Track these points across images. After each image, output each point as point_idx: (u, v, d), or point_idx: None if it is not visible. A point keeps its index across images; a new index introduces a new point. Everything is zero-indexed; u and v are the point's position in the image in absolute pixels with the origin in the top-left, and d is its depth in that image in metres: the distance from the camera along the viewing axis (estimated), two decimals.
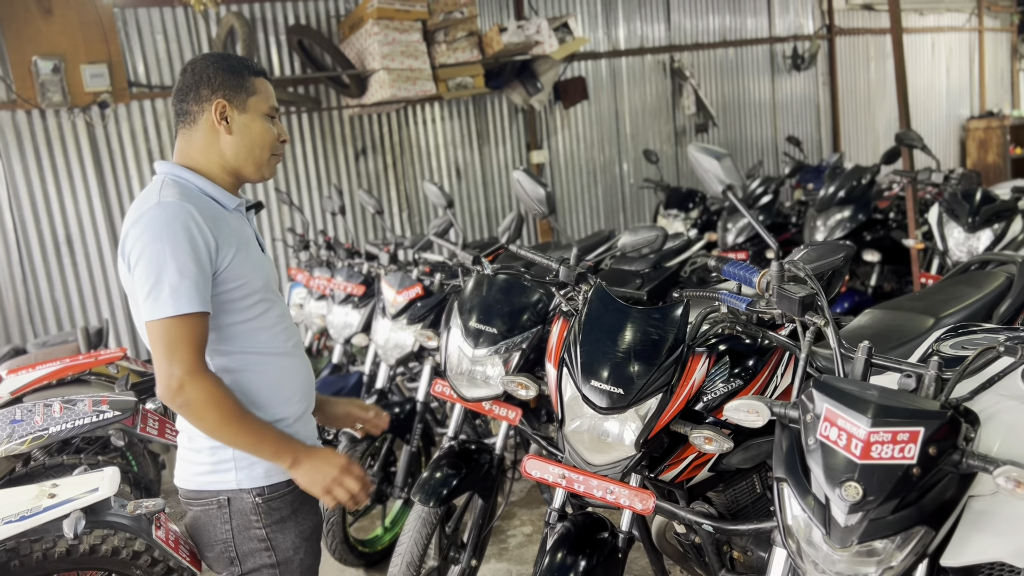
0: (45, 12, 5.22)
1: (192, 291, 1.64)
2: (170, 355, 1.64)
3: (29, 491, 1.89)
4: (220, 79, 1.80)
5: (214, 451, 1.80)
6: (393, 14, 5.77)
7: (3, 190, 5.31)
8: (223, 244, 1.72)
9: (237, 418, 1.68)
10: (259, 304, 1.81)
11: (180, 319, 1.63)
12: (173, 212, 1.67)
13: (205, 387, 1.64)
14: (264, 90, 1.84)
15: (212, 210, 1.76)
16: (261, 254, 1.88)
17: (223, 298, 1.75)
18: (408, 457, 3.44)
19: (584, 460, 2.06)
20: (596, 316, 2.12)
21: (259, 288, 1.80)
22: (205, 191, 1.80)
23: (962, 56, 11.83)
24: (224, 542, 1.82)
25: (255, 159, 1.84)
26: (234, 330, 1.79)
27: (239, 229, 1.81)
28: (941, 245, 3.97)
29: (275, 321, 1.86)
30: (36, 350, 4.03)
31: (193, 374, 1.64)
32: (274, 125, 1.86)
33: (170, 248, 1.64)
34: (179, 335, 1.64)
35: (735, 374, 2.12)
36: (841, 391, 1.38)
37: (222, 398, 1.66)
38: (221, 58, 1.83)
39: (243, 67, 1.83)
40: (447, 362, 2.82)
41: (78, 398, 2.45)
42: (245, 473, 1.79)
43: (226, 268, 1.73)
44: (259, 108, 1.82)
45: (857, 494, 1.30)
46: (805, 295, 1.55)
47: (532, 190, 2.32)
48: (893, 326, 2.57)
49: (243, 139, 1.82)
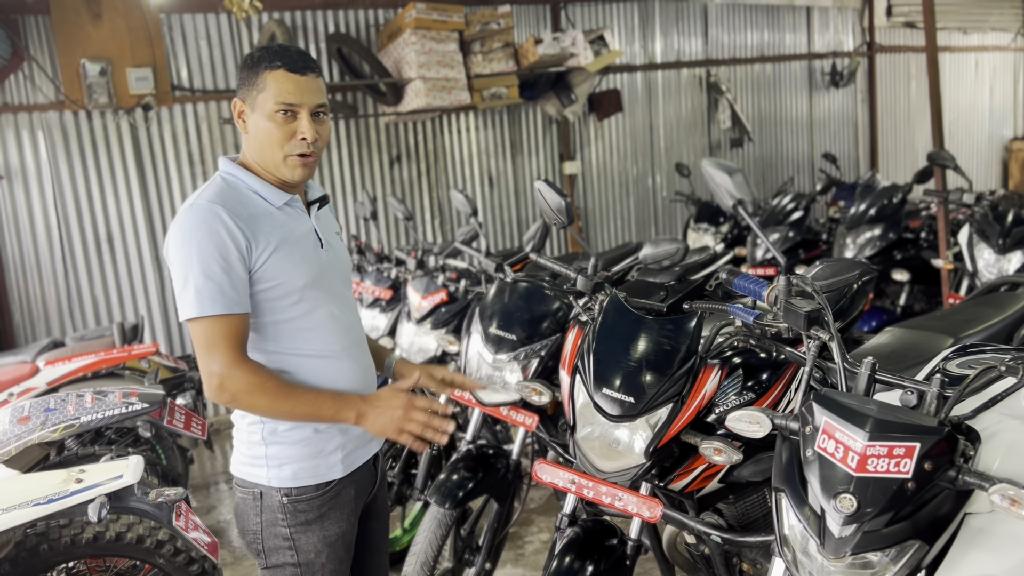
0: (95, 17, 5.39)
1: (216, 293, 1.65)
2: (207, 354, 1.67)
3: (58, 475, 1.98)
4: (241, 76, 1.79)
5: (251, 445, 1.83)
6: (431, 24, 5.86)
7: (49, 188, 5.49)
8: (258, 243, 1.71)
9: (285, 395, 1.70)
10: (300, 304, 1.79)
11: (210, 320, 1.66)
12: (201, 215, 1.67)
13: (243, 377, 1.66)
14: (275, 85, 1.73)
15: (254, 208, 1.75)
16: (316, 251, 1.84)
17: (260, 296, 1.74)
18: (428, 460, 3.49)
19: (594, 467, 2.10)
20: (610, 325, 2.16)
21: (299, 287, 1.77)
22: (253, 188, 1.79)
23: (1006, 76, 11.65)
24: (254, 532, 1.85)
25: (271, 159, 1.78)
26: (274, 329, 1.78)
27: (287, 226, 1.79)
28: (971, 266, 3.94)
29: (321, 322, 1.82)
30: (73, 343, 4.15)
31: (230, 369, 1.66)
32: (285, 123, 1.74)
33: (196, 251, 1.65)
34: (212, 335, 1.66)
35: (748, 387, 2.14)
36: (840, 405, 1.40)
37: (263, 382, 1.68)
38: (251, 54, 1.80)
39: (261, 61, 1.75)
40: (467, 367, 2.87)
41: (109, 389, 2.54)
42: (275, 472, 1.81)
43: (261, 267, 1.72)
44: (265, 106, 1.74)
45: (852, 506, 1.32)
46: (811, 310, 1.58)
47: (552, 200, 2.37)
48: (911, 345, 2.57)
49: (256, 138, 1.78)
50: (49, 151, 5.47)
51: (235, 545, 4.09)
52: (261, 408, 1.72)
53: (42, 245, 5.52)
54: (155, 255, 5.81)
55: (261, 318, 1.76)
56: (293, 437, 1.81)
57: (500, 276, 3.04)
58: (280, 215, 1.79)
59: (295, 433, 1.81)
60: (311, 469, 1.82)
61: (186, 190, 5.88)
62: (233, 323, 1.67)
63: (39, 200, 5.48)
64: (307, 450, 1.82)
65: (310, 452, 1.82)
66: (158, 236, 5.82)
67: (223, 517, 4.44)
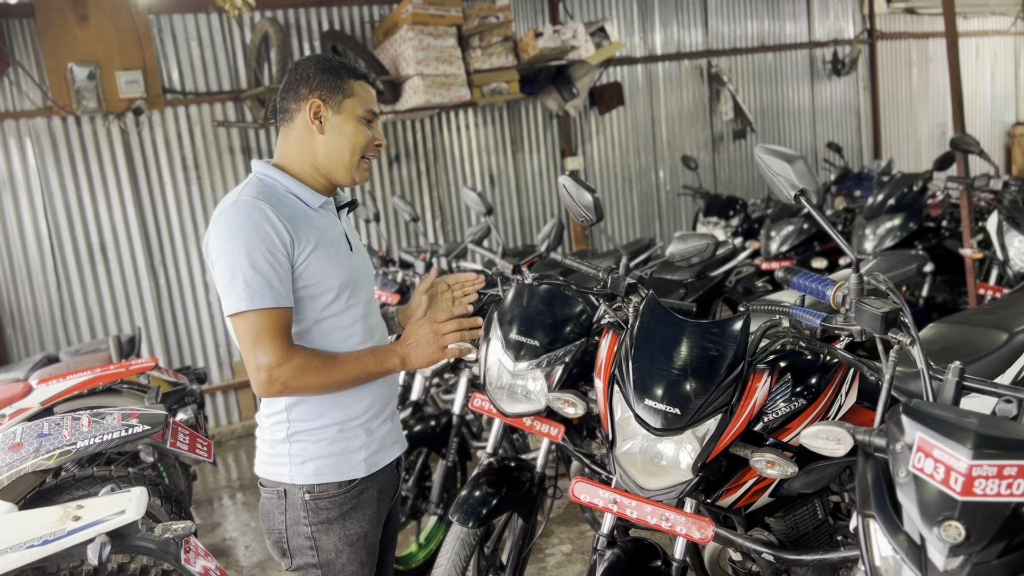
0: (81, 19, 5.21)
1: (265, 287, 1.68)
2: (254, 348, 1.69)
3: (53, 512, 1.81)
4: (319, 79, 1.83)
5: (274, 444, 1.85)
6: (428, 19, 5.69)
7: (38, 196, 5.30)
8: (300, 240, 1.74)
9: (332, 366, 1.74)
10: (335, 303, 1.82)
11: (257, 313, 1.68)
12: (247, 210, 1.70)
13: (293, 365, 1.69)
14: (363, 93, 1.85)
15: (293, 209, 1.79)
16: (347, 253, 1.89)
17: (299, 294, 1.77)
18: (444, 472, 3.34)
19: (636, 484, 1.94)
20: (649, 330, 2.00)
21: (335, 287, 1.81)
22: (290, 190, 1.83)
23: (1007, 60, 11.53)
24: (279, 532, 1.86)
25: (345, 162, 1.85)
26: (310, 328, 1.81)
27: (323, 227, 1.83)
28: (1001, 255, 3.79)
29: (352, 322, 1.86)
30: (68, 358, 3.98)
31: (279, 360, 1.68)
32: (369, 129, 1.87)
33: (244, 245, 1.68)
34: (260, 329, 1.68)
35: (797, 393, 1.99)
36: (935, 418, 1.24)
37: (308, 362, 1.71)
38: (324, 59, 1.86)
39: (344, 69, 1.85)
40: (486, 376, 2.71)
41: (107, 411, 2.37)
42: (297, 469, 1.82)
43: (302, 264, 1.75)
44: (354, 111, 1.83)
45: (959, 535, 1.16)
46: (889, 310, 1.42)
47: (579, 196, 2.20)
48: (962, 341, 2.41)
49: (334, 140, 1.83)
50: (38, 159, 5.28)
51: (242, 564, 3.92)
52: (314, 386, 1.74)
53: (33, 256, 5.33)
54: (150, 263, 5.63)
55: (298, 315, 1.80)
56: (317, 435, 1.83)
57: (518, 278, 2.87)
58: (316, 216, 1.84)
59: (319, 432, 1.83)
60: (333, 466, 1.84)
61: (180, 195, 5.70)
62: (280, 316, 1.71)
63: (28, 210, 5.30)
64: (331, 448, 1.84)
65: (334, 450, 1.84)
66: (153, 244, 5.65)
67: (228, 535, 4.28)
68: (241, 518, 4.47)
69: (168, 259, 5.70)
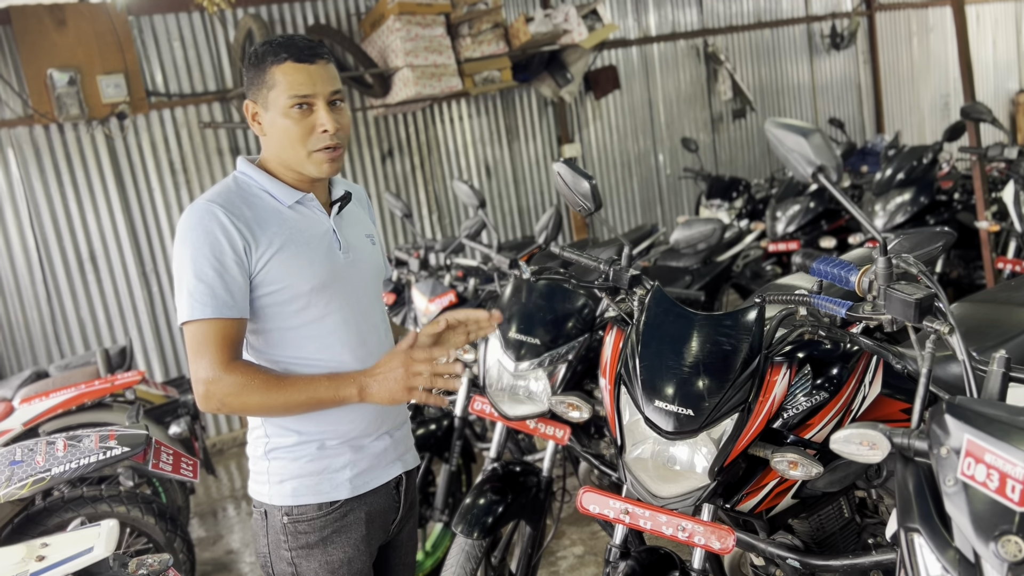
0: (59, 24, 5.06)
1: (207, 296, 1.56)
2: (195, 359, 1.58)
3: (16, 552, 1.67)
4: (248, 77, 1.69)
5: (255, 460, 1.74)
6: (415, 8, 5.53)
7: (24, 207, 5.17)
8: (259, 244, 1.61)
9: (277, 387, 1.57)
10: (308, 310, 1.66)
11: (200, 324, 1.57)
12: (197, 215, 1.60)
13: (230, 380, 1.55)
14: (285, 79, 1.62)
15: (260, 208, 1.66)
16: (328, 254, 1.70)
17: (263, 301, 1.64)
18: (447, 476, 3.20)
19: (649, 492, 1.80)
20: (656, 325, 1.86)
21: (305, 292, 1.65)
22: (264, 187, 1.69)
23: (1008, 28, 11.32)
24: (264, 555, 1.74)
25: (294, 158, 1.67)
26: (279, 336, 1.67)
27: (296, 226, 1.68)
28: (1020, 226, 3.63)
29: (331, 330, 1.69)
30: (58, 373, 3.85)
31: (216, 374, 1.55)
32: (306, 115, 1.64)
33: (190, 252, 1.57)
34: (201, 340, 1.57)
35: (818, 385, 1.85)
36: (985, 416, 1.10)
37: (250, 380, 1.56)
38: (256, 50, 1.68)
39: (266, 56, 1.65)
40: (486, 377, 2.58)
41: (84, 433, 2.23)
42: (276, 489, 1.70)
43: (263, 269, 1.62)
44: (278, 102, 1.63)
45: (1019, 551, 1.02)
46: (923, 296, 1.27)
47: (575, 184, 2.06)
48: (989, 321, 2.26)
49: (275, 138, 1.67)
50: (21, 169, 5.14)
51: None
52: (254, 406, 1.59)
53: (21, 269, 5.20)
54: (141, 272, 5.50)
55: (265, 323, 1.66)
56: (296, 453, 1.70)
57: (515, 273, 2.73)
58: (290, 214, 1.69)
59: (298, 449, 1.69)
60: (312, 487, 1.70)
61: (169, 200, 5.56)
62: (223, 328, 1.57)
63: (14, 222, 5.16)
64: (311, 466, 1.70)
65: (314, 469, 1.70)
66: (143, 251, 5.51)
67: (232, 547, 4.15)
68: (244, 530, 4.34)
69: (160, 266, 5.56)
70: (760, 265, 4.33)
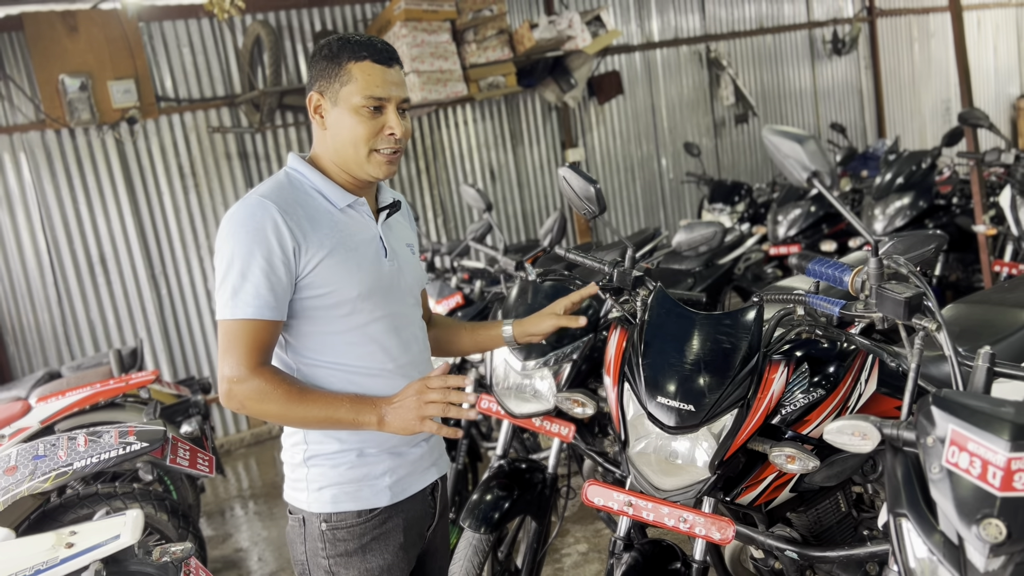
0: (71, 30, 5.14)
1: (250, 296, 1.54)
2: (224, 358, 1.57)
3: (46, 540, 1.74)
4: (318, 68, 1.66)
5: (293, 468, 1.72)
6: (421, 15, 5.61)
7: (35, 211, 5.25)
8: (310, 246, 1.59)
9: (298, 399, 1.56)
10: (353, 316, 1.65)
11: (237, 323, 1.55)
12: (250, 210, 1.57)
13: (254, 384, 1.55)
14: (362, 78, 1.61)
15: (312, 208, 1.63)
16: (375, 261, 1.69)
17: (307, 304, 1.62)
18: (454, 475, 3.27)
19: (652, 485, 1.86)
20: (659, 324, 1.93)
21: (352, 297, 1.63)
22: (317, 187, 1.67)
23: (1009, 33, 11.39)
24: (301, 563, 1.72)
25: (352, 157, 1.65)
26: (320, 341, 1.65)
27: (346, 230, 1.66)
28: (1016, 230, 3.70)
29: (374, 337, 1.68)
30: (70, 374, 3.92)
31: (241, 375, 1.55)
32: (377, 116, 1.63)
33: (238, 248, 1.55)
34: (234, 338, 1.55)
35: (816, 383, 1.91)
36: (968, 408, 1.17)
37: (274, 388, 1.55)
38: (331, 43, 1.65)
39: (344, 51, 1.63)
40: (493, 376, 2.64)
41: (104, 429, 2.30)
42: (315, 496, 1.68)
43: (311, 272, 1.59)
44: (351, 100, 1.61)
45: (1000, 533, 1.08)
46: (912, 295, 1.34)
47: (580, 188, 2.12)
48: (982, 321, 2.33)
49: (337, 135, 1.64)
50: (33, 173, 5.23)
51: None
52: (273, 415, 1.57)
53: (32, 272, 5.28)
54: (151, 274, 5.57)
55: (308, 326, 1.64)
56: (336, 460, 1.68)
57: (521, 275, 2.80)
58: (341, 217, 1.67)
59: (338, 456, 1.67)
60: (352, 493, 1.68)
61: (178, 204, 5.64)
62: (259, 328, 1.56)
63: (26, 225, 5.24)
64: (351, 473, 1.68)
65: (354, 476, 1.68)
66: (152, 254, 5.59)
67: (241, 545, 4.22)
68: (253, 528, 4.41)
69: (169, 268, 5.64)
70: (761, 268, 4.39)
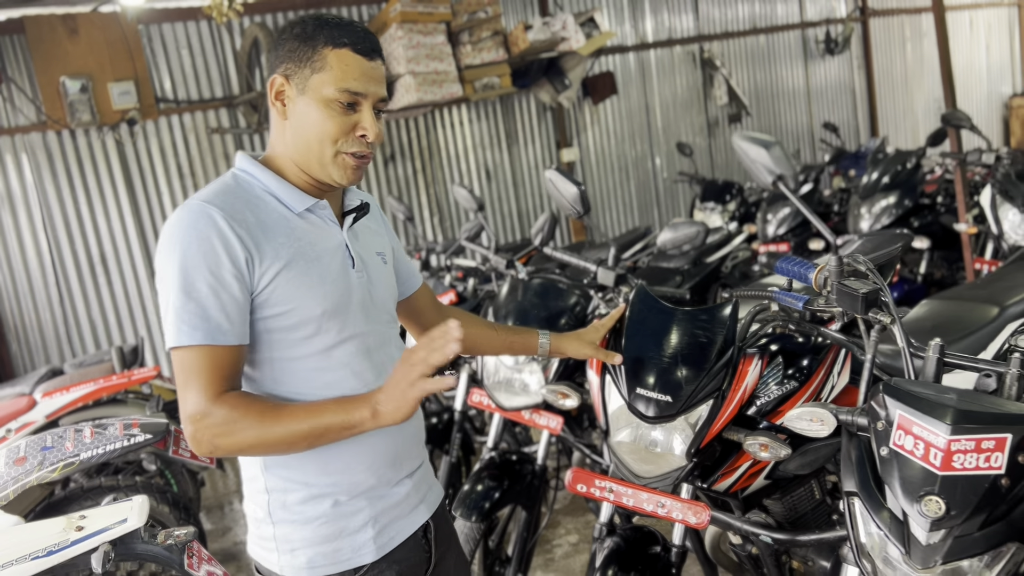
0: (71, 32, 5.23)
1: (197, 318, 1.31)
2: (181, 394, 1.34)
3: (57, 524, 1.84)
4: (287, 48, 1.42)
5: (258, 523, 1.49)
6: (417, 17, 5.70)
7: (37, 211, 5.34)
8: (263, 257, 1.36)
9: (274, 417, 1.32)
10: (317, 337, 1.42)
11: (188, 351, 1.32)
12: (191, 218, 1.34)
13: (219, 416, 1.31)
14: (338, 66, 1.39)
15: (264, 213, 1.40)
16: (342, 272, 1.46)
17: (264, 326, 1.39)
18: (448, 468, 3.36)
19: (632, 472, 1.96)
20: (639, 320, 2.02)
21: (316, 316, 1.40)
22: (270, 189, 1.44)
23: (1002, 32, 11.49)
24: None
25: (316, 156, 1.42)
26: (282, 368, 1.42)
27: (305, 238, 1.43)
28: (996, 229, 3.79)
29: (344, 362, 1.45)
30: (72, 371, 4.01)
31: (204, 412, 1.31)
32: (349, 113, 1.41)
33: (179, 262, 1.32)
34: (188, 370, 1.33)
35: (789, 375, 2.00)
36: (915, 395, 1.26)
37: (243, 413, 1.31)
38: (304, 22, 1.43)
39: (320, 33, 1.40)
40: (483, 371, 2.73)
41: (109, 421, 2.40)
42: (287, 559, 1.45)
43: (266, 288, 1.36)
44: (321, 90, 1.39)
45: (939, 509, 1.18)
46: (868, 291, 1.43)
47: (565, 189, 2.22)
48: (954, 317, 2.42)
49: (300, 128, 1.42)
50: (34, 174, 5.32)
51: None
52: (250, 444, 1.32)
53: (34, 271, 5.37)
54: (150, 273, 5.66)
55: (265, 353, 1.41)
56: (306, 513, 1.44)
57: (511, 273, 2.89)
58: (300, 223, 1.44)
59: (309, 508, 1.44)
60: (331, 555, 1.45)
61: (178, 203, 5.69)
62: (216, 356, 1.32)
63: (28, 225, 5.33)
64: (325, 530, 1.45)
65: (329, 532, 1.45)
66: (152, 253, 5.68)
67: (239, 538, 4.31)
68: None
69: None
70: (749, 267, 4.49)
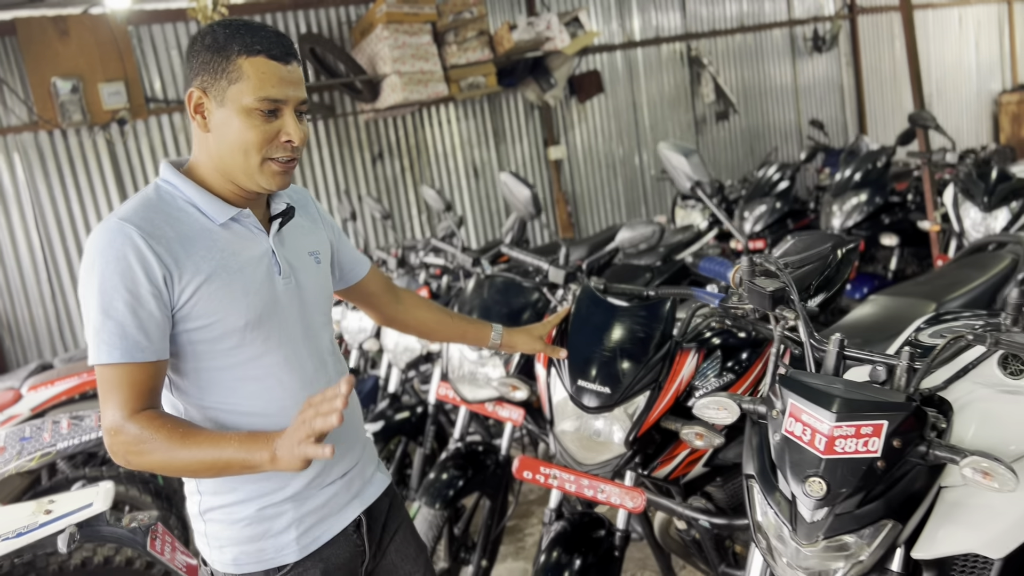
0: (62, 34, 5.33)
1: (115, 336, 1.34)
2: (102, 409, 1.38)
3: (27, 508, 1.96)
4: (200, 60, 1.41)
5: (194, 518, 1.54)
6: (402, 17, 5.80)
7: (29, 210, 5.45)
8: (184, 272, 1.38)
9: (180, 442, 1.32)
10: (241, 348, 1.44)
11: (107, 368, 1.35)
12: (108, 237, 1.35)
13: (131, 433, 1.34)
14: (254, 75, 1.38)
15: (186, 227, 1.41)
16: (267, 281, 1.48)
17: (187, 338, 1.42)
18: (422, 459, 3.47)
19: (575, 460, 2.07)
20: (583, 316, 2.13)
21: (239, 327, 1.42)
22: (192, 201, 1.44)
23: (991, 29, 11.55)
24: None
25: (241, 165, 1.42)
26: (208, 379, 1.45)
27: (228, 249, 1.44)
28: (957, 226, 3.89)
29: (269, 371, 1.48)
30: (62, 365, 4.13)
31: (119, 428, 1.35)
32: (271, 120, 1.41)
33: (97, 281, 1.34)
34: (107, 386, 1.36)
35: (727, 368, 2.11)
36: (806, 386, 1.37)
37: (153, 434, 1.33)
38: (214, 31, 1.42)
39: (232, 42, 1.39)
40: (449, 364, 2.84)
41: (86, 413, 2.51)
42: (216, 555, 1.52)
43: (187, 302, 1.39)
44: (240, 100, 1.39)
45: (821, 490, 1.29)
46: (775, 289, 1.54)
47: (518, 191, 2.33)
48: (894, 313, 2.53)
49: (222, 140, 1.42)
50: (26, 173, 5.43)
51: None
52: (158, 463, 1.35)
53: (27, 268, 5.49)
54: None
55: (191, 363, 1.44)
56: (232, 514, 1.50)
57: (477, 271, 3.00)
58: (223, 235, 1.45)
59: (233, 509, 1.49)
60: (255, 553, 1.50)
61: None
62: (134, 373, 1.35)
63: (20, 223, 5.44)
64: (249, 531, 1.50)
65: (254, 533, 1.50)
66: None
67: None
68: None
69: None
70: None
